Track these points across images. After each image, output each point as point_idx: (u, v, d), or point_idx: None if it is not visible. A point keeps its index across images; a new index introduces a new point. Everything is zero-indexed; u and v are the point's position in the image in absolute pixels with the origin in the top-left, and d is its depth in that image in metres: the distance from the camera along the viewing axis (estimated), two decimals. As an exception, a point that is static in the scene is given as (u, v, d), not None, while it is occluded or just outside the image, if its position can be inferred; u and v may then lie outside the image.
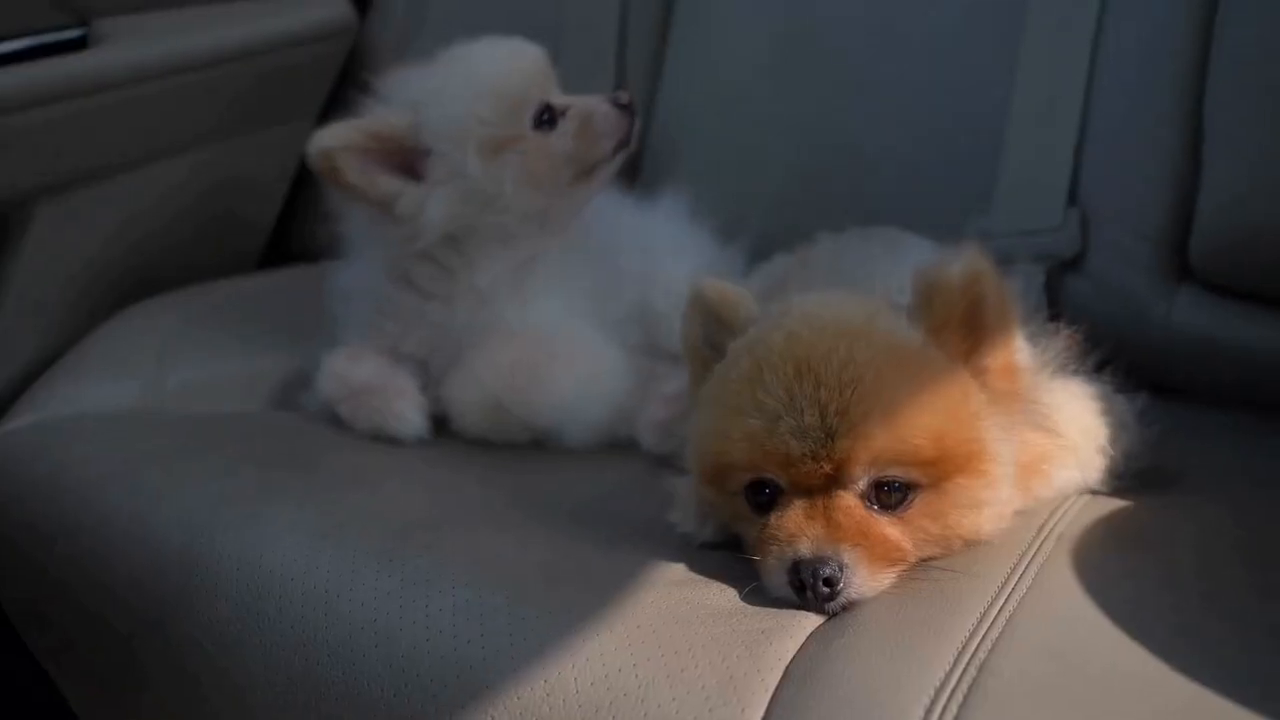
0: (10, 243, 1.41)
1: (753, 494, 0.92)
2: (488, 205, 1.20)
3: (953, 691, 0.79)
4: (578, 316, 1.25)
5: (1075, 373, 1.08)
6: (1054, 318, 1.26)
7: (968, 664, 0.81)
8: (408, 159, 1.19)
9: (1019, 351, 0.96)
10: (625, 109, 1.25)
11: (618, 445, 1.21)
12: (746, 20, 1.52)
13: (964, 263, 0.90)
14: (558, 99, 1.24)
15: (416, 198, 1.19)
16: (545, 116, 1.22)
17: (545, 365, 1.20)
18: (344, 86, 1.70)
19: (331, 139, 1.17)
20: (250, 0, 1.62)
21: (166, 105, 1.49)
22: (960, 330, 0.91)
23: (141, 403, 1.30)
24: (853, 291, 0.98)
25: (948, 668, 0.81)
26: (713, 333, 0.98)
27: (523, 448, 1.21)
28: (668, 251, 1.31)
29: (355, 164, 1.17)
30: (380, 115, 1.20)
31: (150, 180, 1.52)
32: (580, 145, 1.23)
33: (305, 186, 1.72)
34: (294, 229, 1.75)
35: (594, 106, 1.24)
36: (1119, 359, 1.09)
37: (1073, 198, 1.29)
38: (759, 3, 1.52)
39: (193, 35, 1.52)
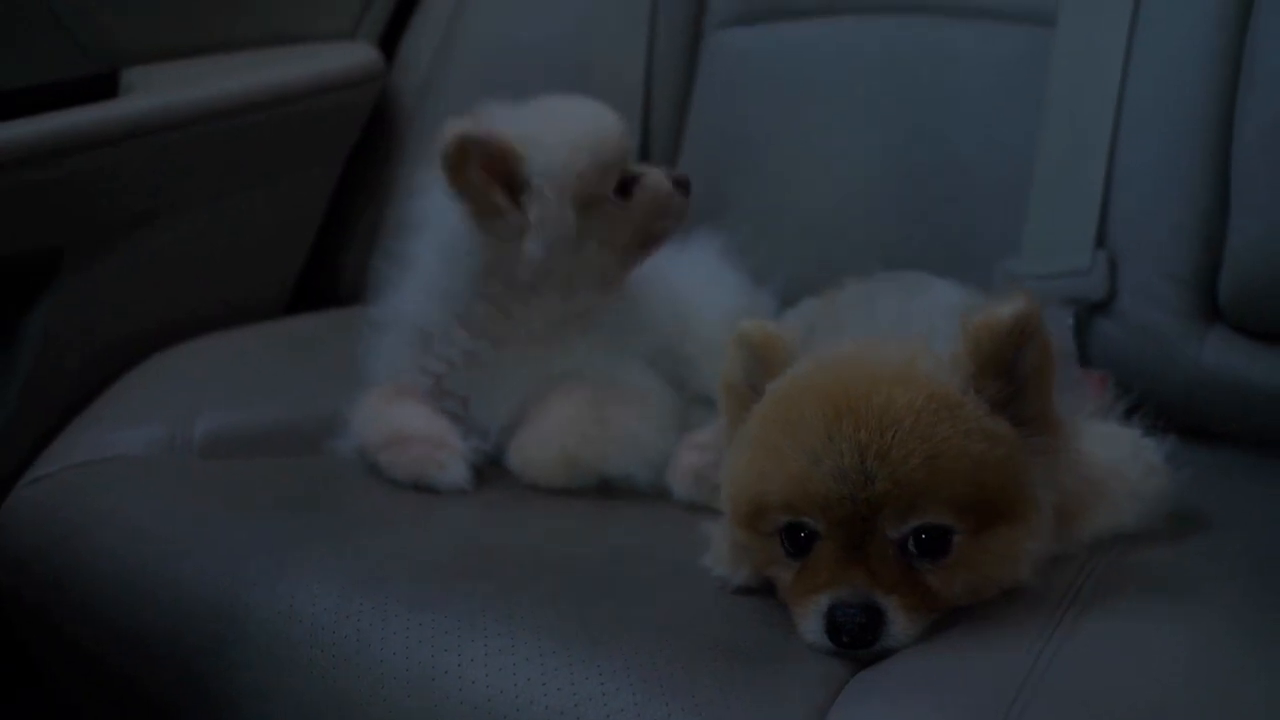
0: (42, 289, 1.42)
1: (789, 537, 0.92)
2: (571, 256, 1.21)
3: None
4: (625, 360, 1.25)
5: (1107, 416, 1.08)
6: (1084, 361, 1.27)
7: (1006, 715, 0.80)
8: (512, 182, 1.19)
9: (1058, 397, 0.95)
10: (683, 188, 1.26)
11: (652, 490, 1.20)
12: (770, 67, 1.53)
13: (1015, 308, 0.90)
14: (633, 169, 1.25)
15: (518, 224, 1.18)
16: (624, 185, 1.23)
17: (612, 412, 1.20)
18: (370, 131, 1.72)
19: (470, 136, 1.16)
20: (279, 47, 1.63)
21: (196, 152, 1.50)
22: (1004, 376, 0.91)
23: (170, 450, 1.30)
24: (890, 335, 0.98)
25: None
26: (754, 373, 0.98)
27: (553, 494, 1.20)
28: (699, 295, 1.31)
29: (478, 165, 1.16)
30: (506, 132, 1.19)
31: (179, 226, 1.53)
32: (648, 218, 1.24)
33: (332, 231, 1.73)
34: (321, 273, 1.75)
35: (662, 183, 1.25)
36: (1149, 402, 1.09)
37: (1101, 240, 1.29)
38: (780, 50, 1.54)
39: (222, 82, 1.53)
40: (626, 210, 1.23)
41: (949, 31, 1.43)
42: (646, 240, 1.26)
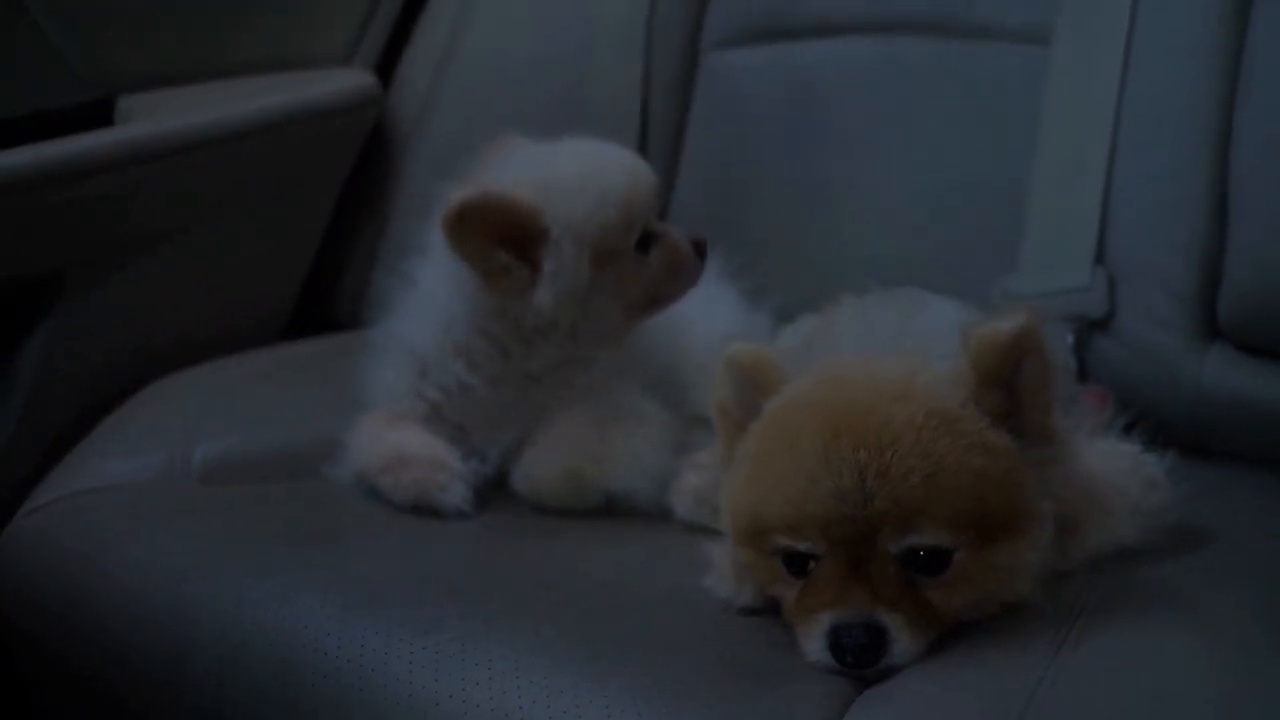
0: (39, 316, 1.42)
1: (790, 556, 0.92)
2: (578, 307, 1.19)
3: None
4: (625, 385, 1.24)
5: (1107, 432, 1.08)
6: (1083, 378, 1.27)
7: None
8: (523, 238, 1.17)
9: (1057, 412, 0.95)
10: (701, 252, 1.24)
11: (651, 512, 1.20)
12: (767, 86, 1.54)
13: (1015, 323, 0.90)
14: (655, 226, 1.23)
15: (524, 277, 1.17)
16: (644, 241, 1.22)
17: (615, 432, 1.20)
18: (366, 157, 1.72)
19: (470, 202, 1.14)
20: (275, 73, 1.63)
21: (193, 178, 1.50)
22: (1003, 390, 0.91)
23: (169, 477, 1.29)
24: (887, 351, 0.98)
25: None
26: (745, 394, 0.98)
27: (554, 515, 1.20)
28: (696, 314, 1.31)
29: (479, 229, 1.15)
30: (512, 189, 1.17)
31: (177, 252, 1.53)
32: (662, 278, 1.23)
33: (330, 255, 1.73)
34: (319, 299, 1.75)
35: (680, 243, 1.23)
36: (1149, 418, 1.09)
37: (1100, 257, 1.29)
38: (778, 70, 1.54)
39: (219, 109, 1.53)
40: (643, 267, 1.21)
41: (945, 51, 1.43)
42: (656, 299, 1.24)
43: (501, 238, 1.15)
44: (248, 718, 1.00)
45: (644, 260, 1.21)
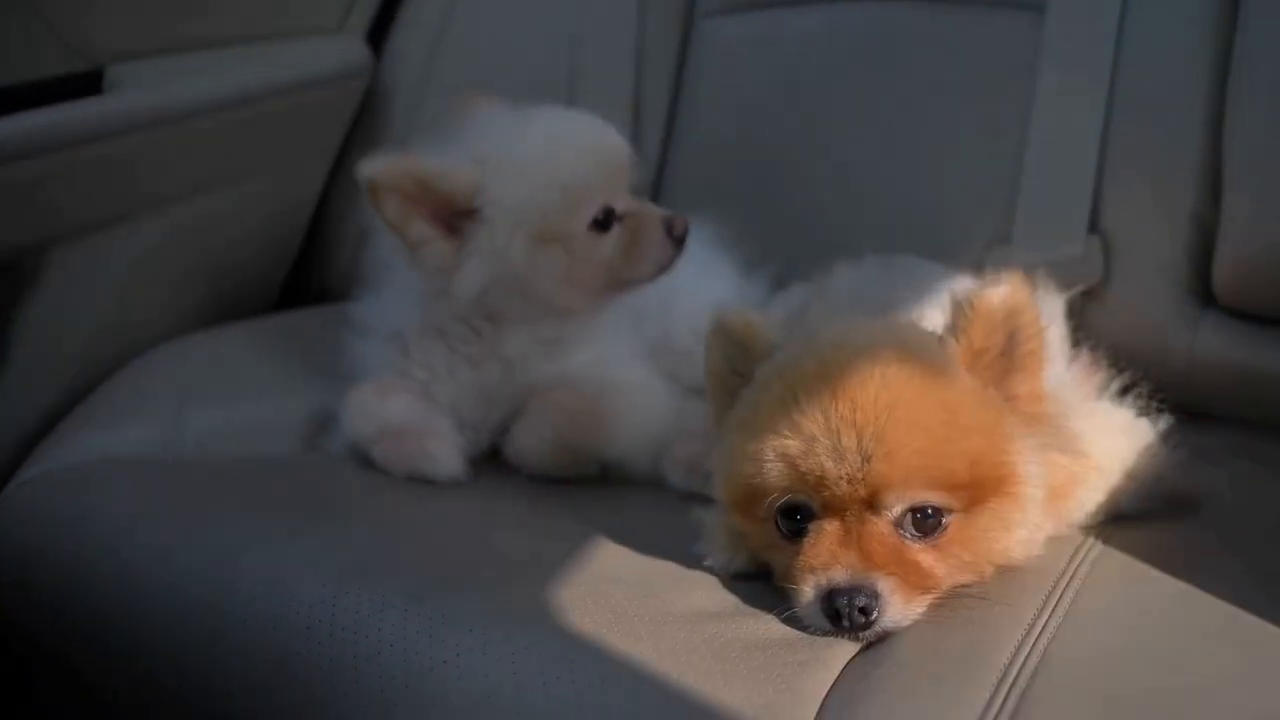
0: (27, 288, 1.41)
1: (785, 519, 0.92)
2: (518, 291, 1.18)
3: (994, 721, 0.78)
4: (618, 354, 1.24)
5: (1101, 397, 1.08)
6: (1077, 345, 1.27)
7: (1006, 695, 0.80)
8: (454, 213, 1.15)
9: (1049, 377, 0.95)
10: (677, 239, 1.21)
11: (646, 480, 1.20)
12: (761, 58, 1.53)
13: (1006, 289, 0.91)
14: (621, 201, 1.20)
15: (444, 253, 1.16)
16: (601, 218, 1.19)
17: (609, 404, 1.20)
18: (359, 127, 1.72)
19: (380, 172, 1.13)
20: (266, 43, 1.62)
21: (183, 149, 1.50)
22: (996, 355, 0.91)
23: (162, 447, 1.29)
24: (882, 317, 0.98)
25: (986, 699, 0.80)
26: (736, 360, 0.98)
27: (547, 485, 1.20)
28: (690, 283, 1.30)
29: (396, 200, 1.14)
30: (442, 163, 1.15)
31: (166, 224, 1.52)
32: (624, 260, 1.20)
33: (324, 227, 1.72)
34: (311, 270, 1.75)
35: (649, 223, 1.20)
36: (1143, 384, 1.09)
37: (1094, 226, 1.29)
38: (770, 38, 1.53)
39: (208, 80, 1.52)
40: (599, 248, 1.19)
41: (940, 16, 1.43)
42: (618, 281, 1.21)
43: (426, 210, 1.14)
44: (240, 685, 1.00)
45: (601, 240, 1.19)
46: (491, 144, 1.18)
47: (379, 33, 1.75)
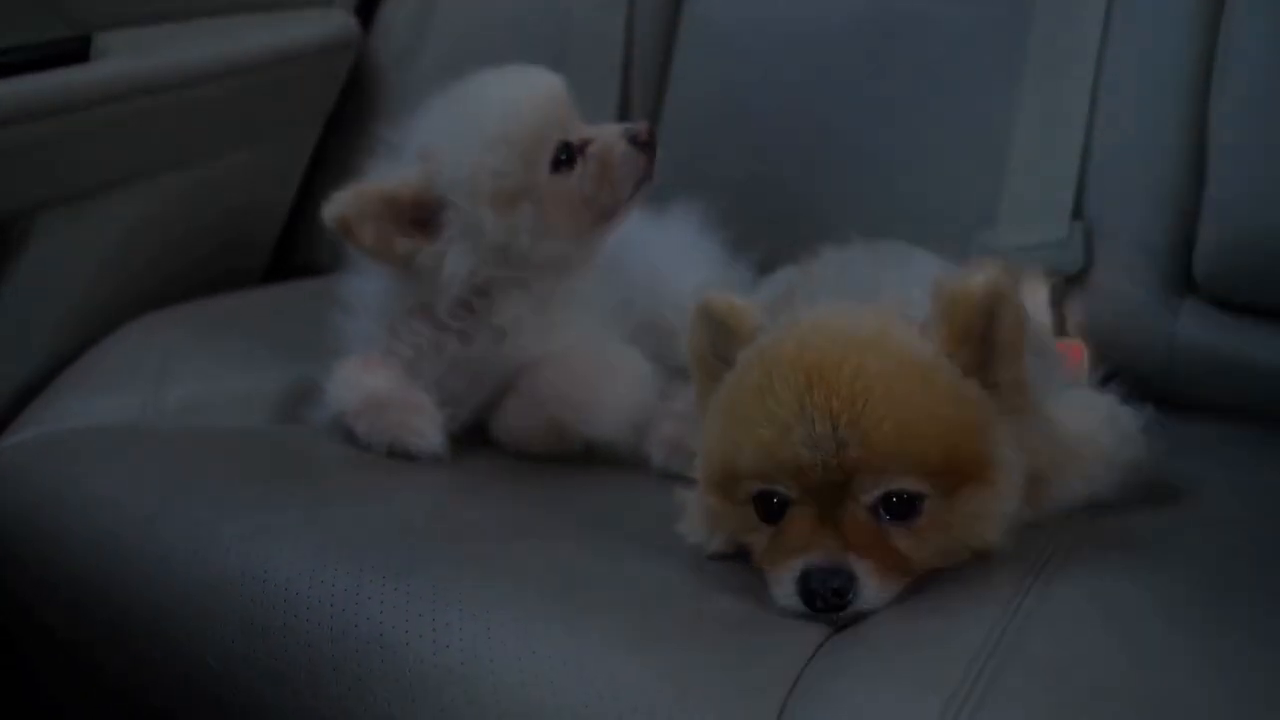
0: (10, 257, 1.41)
1: (762, 503, 0.92)
2: (505, 259, 1.18)
3: (961, 707, 0.78)
4: (603, 335, 1.24)
5: (1081, 385, 1.08)
6: (1060, 332, 1.27)
7: (976, 679, 0.80)
8: (424, 213, 1.16)
9: (1028, 364, 0.96)
10: (644, 146, 1.20)
11: (629, 460, 1.20)
12: (750, 36, 1.53)
13: (986, 277, 0.90)
14: (576, 133, 1.20)
15: (433, 255, 1.17)
16: (563, 157, 1.18)
17: (598, 380, 1.20)
18: (347, 99, 1.71)
19: (345, 206, 1.14)
20: (254, 13, 1.62)
21: (169, 119, 1.49)
22: (975, 343, 0.91)
23: (143, 417, 1.29)
24: (864, 302, 0.98)
25: (957, 683, 0.80)
26: (719, 343, 0.98)
27: (528, 462, 1.20)
28: (676, 266, 1.30)
29: (371, 228, 1.15)
30: (391, 175, 1.17)
31: (152, 194, 1.52)
32: (599, 188, 1.20)
33: (309, 199, 1.72)
34: (298, 242, 1.74)
35: (612, 144, 1.19)
36: (1125, 372, 1.09)
37: (1078, 212, 1.29)
38: (761, 16, 1.53)
39: (196, 49, 1.51)
40: (567, 186, 1.18)
41: (930, 1, 1.42)
42: (602, 211, 1.21)
43: (399, 225, 1.15)
44: (219, 657, 1.00)
45: (568, 178, 1.19)
46: (430, 134, 1.19)
47: (368, 5, 1.74)
